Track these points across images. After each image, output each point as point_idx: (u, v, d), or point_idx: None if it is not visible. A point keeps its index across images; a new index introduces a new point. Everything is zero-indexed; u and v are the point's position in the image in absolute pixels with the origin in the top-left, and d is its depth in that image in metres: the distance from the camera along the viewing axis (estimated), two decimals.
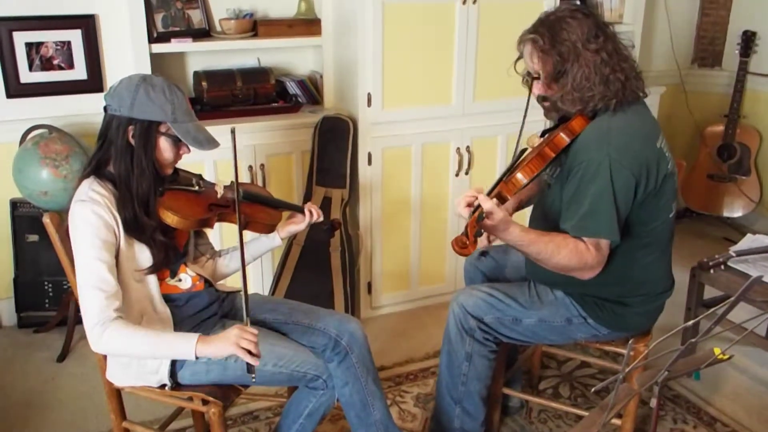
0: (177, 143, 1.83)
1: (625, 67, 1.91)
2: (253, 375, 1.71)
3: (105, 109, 1.79)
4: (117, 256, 1.76)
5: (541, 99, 2.01)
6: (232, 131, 1.81)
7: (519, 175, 1.89)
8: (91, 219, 1.71)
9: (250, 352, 1.67)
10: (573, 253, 1.85)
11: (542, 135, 2.04)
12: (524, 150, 1.97)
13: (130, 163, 1.78)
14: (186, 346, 1.71)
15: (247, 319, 1.75)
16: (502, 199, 1.87)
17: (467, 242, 1.70)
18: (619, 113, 1.91)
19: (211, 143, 1.85)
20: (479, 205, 1.76)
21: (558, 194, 1.98)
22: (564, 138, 1.91)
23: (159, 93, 1.76)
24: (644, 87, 1.98)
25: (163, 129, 1.79)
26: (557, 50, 1.88)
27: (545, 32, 1.89)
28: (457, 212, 1.85)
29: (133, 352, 1.74)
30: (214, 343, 1.71)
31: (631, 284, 2.04)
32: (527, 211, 2.32)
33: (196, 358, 1.72)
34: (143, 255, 1.81)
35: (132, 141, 1.77)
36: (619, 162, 1.83)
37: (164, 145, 1.81)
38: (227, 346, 1.68)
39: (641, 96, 1.97)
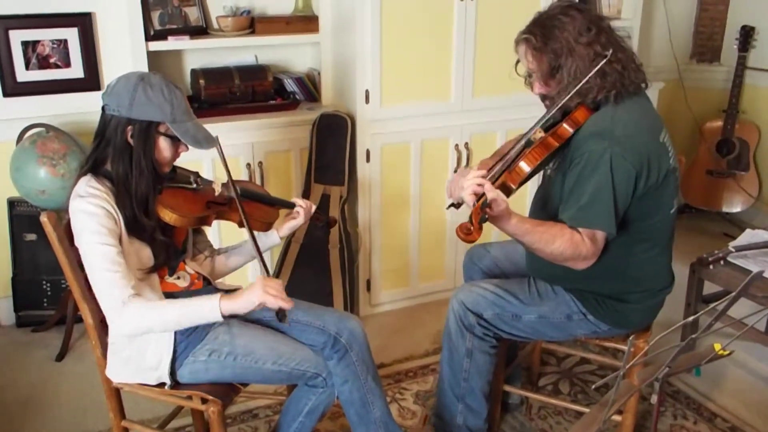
0: (176, 142, 1.82)
1: (621, 57, 1.91)
2: (287, 322, 1.72)
3: (103, 108, 1.78)
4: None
5: (542, 98, 2.02)
6: (216, 138, 1.86)
7: (522, 164, 1.90)
8: (92, 210, 1.71)
9: (279, 299, 1.68)
10: (568, 244, 1.86)
11: (546, 129, 2.04)
12: (530, 143, 1.97)
13: (128, 164, 1.77)
14: (211, 307, 1.70)
15: (264, 270, 1.78)
16: (506, 189, 1.87)
17: (472, 229, 1.71)
18: (622, 105, 1.91)
19: (210, 142, 1.84)
20: (484, 192, 1.76)
21: (559, 185, 1.98)
22: (567, 129, 1.92)
23: (158, 92, 1.74)
24: (645, 78, 1.98)
25: (162, 129, 1.78)
26: (550, 47, 1.89)
27: (538, 31, 1.91)
28: (464, 197, 1.81)
29: (157, 324, 1.72)
30: (239, 296, 1.70)
31: (631, 280, 2.03)
32: (527, 200, 2.31)
33: (224, 317, 1.71)
34: (144, 253, 1.81)
35: (130, 141, 1.76)
36: (620, 155, 1.83)
37: (163, 145, 1.80)
38: (256, 294, 1.68)
39: (643, 87, 1.97)
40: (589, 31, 1.88)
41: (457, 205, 2.03)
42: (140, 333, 1.78)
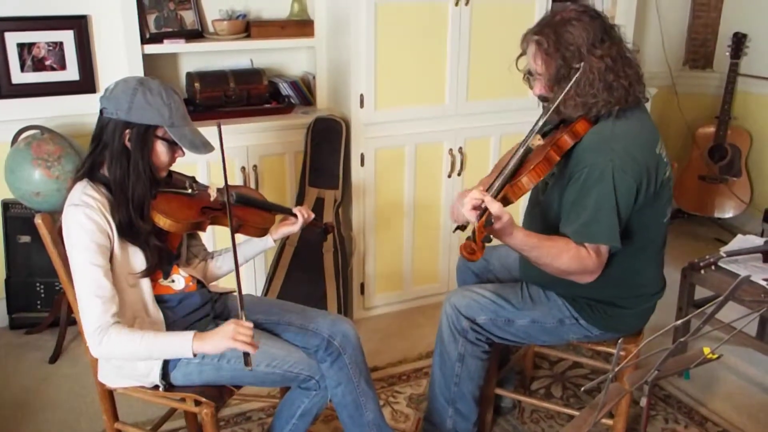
0: (173, 147, 1.83)
1: (629, 73, 1.89)
2: (251, 367, 1.70)
3: (101, 111, 1.78)
4: (111, 260, 1.76)
5: (542, 98, 1.99)
6: (219, 126, 1.85)
7: (525, 180, 1.87)
8: (85, 224, 1.71)
9: (247, 345, 1.68)
10: (574, 259, 1.85)
11: (543, 135, 2.03)
12: (528, 150, 1.94)
13: (126, 167, 1.77)
14: (183, 344, 1.72)
15: (242, 314, 1.74)
16: (507, 203, 1.85)
17: (475, 248, 1.67)
18: (622, 119, 1.90)
19: (207, 147, 1.85)
20: (486, 209, 1.72)
21: (556, 197, 1.98)
22: (568, 141, 1.90)
23: (156, 97, 1.75)
24: (645, 90, 1.96)
25: (159, 133, 1.79)
26: (561, 54, 1.86)
27: (550, 34, 1.87)
28: (464, 214, 1.79)
29: (131, 355, 1.75)
30: (210, 339, 1.72)
31: (623, 286, 2.04)
32: (522, 209, 2.31)
33: (194, 355, 1.73)
34: (137, 258, 1.81)
35: (128, 144, 1.77)
36: (621, 168, 1.83)
37: (160, 149, 1.81)
38: (224, 340, 1.70)
39: (642, 101, 1.96)
40: (603, 42, 1.86)
41: (462, 227, 2.03)
42: (115, 358, 1.81)
